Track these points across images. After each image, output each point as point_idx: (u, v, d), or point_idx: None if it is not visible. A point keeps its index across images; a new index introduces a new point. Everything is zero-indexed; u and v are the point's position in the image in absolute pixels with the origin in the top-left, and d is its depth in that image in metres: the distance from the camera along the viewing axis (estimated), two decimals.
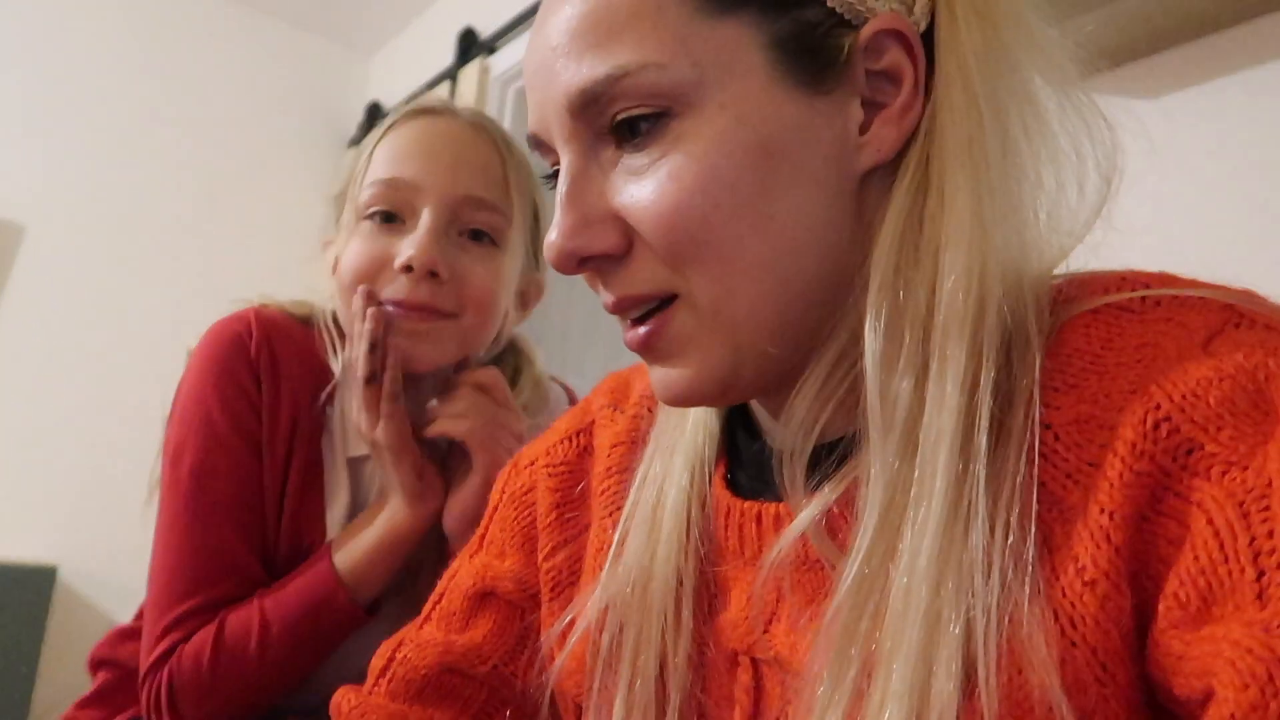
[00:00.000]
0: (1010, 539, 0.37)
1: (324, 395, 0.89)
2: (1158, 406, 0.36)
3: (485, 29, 2.58)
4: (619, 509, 0.55)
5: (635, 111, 0.42)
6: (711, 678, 0.49)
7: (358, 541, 0.84)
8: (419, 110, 0.89)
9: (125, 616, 1.03)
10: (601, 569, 0.53)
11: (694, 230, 0.41)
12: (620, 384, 0.63)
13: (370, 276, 0.84)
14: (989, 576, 0.37)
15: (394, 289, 0.83)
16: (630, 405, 0.60)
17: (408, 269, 0.82)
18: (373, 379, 0.84)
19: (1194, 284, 0.40)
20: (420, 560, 0.89)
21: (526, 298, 0.96)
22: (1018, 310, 0.40)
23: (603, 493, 0.58)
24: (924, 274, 0.41)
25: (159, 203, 2.78)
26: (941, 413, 0.39)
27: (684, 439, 0.53)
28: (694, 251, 0.42)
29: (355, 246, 0.85)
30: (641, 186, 0.42)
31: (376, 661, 0.60)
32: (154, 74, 2.84)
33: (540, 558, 0.60)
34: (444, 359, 0.87)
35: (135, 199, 2.74)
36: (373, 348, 0.83)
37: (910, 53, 0.43)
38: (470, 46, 2.62)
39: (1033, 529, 0.37)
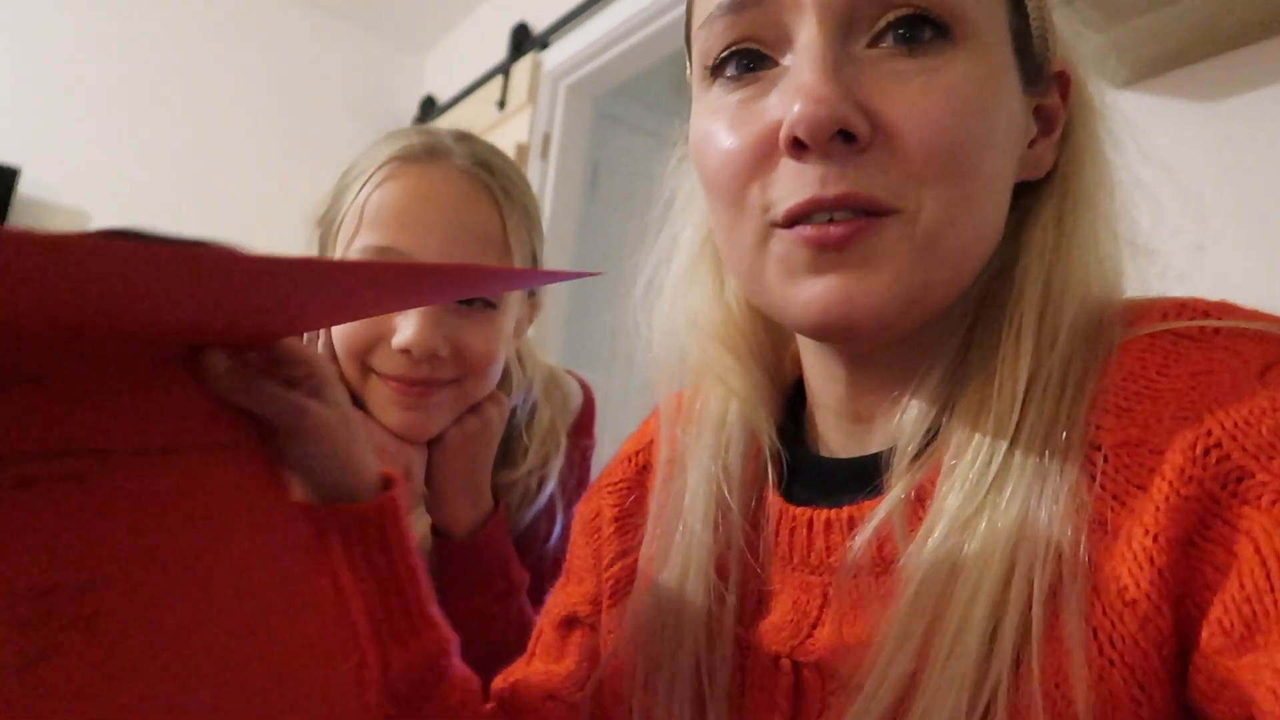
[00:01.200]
0: (1061, 557, 0.37)
1: None
2: (1209, 433, 0.36)
3: (538, 24, 2.60)
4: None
5: (927, 12, 0.41)
6: (752, 681, 0.50)
7: None
8: (411, 158, 0.83)
9: None
10: (648, 584, 0.55)
11: (957, 145, 0.41)
12: (678, 403, 0.64)
13: (365, 352, 0.81)
14: (1042, 591, 0.37)
15: (392, 365, 0.81)
16: (684, 424, 0.61)
17: (406, 352, 0.79)
18: (308, 345, 0.83)
19: (1254, 315, 0.41)
20: None
21: (520, 327, 0.93)
22: (1096, 333, 0.43)
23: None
24: (1049, 291, 0.44)
25: (222, 197, 2.84)
26: (1037, 422, 0.41)
27: (706, 460, 0.54)
28: (947, 167, 0.41)
29: None
30: (910, 89, 0.41)
31: (493, 692, 0.63)
32: (216, 72, 2.91)
33: (602, 568, 0.61)
34: (445, 425, 0.86)
35: (194, 186, 2.81)
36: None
37: (1064, 102, 0.48)
38: (523, 41, 2.64)
39: (1082, 549, 0.37)
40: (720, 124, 0.45)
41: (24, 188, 2.52)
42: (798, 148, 0.41)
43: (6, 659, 0.30)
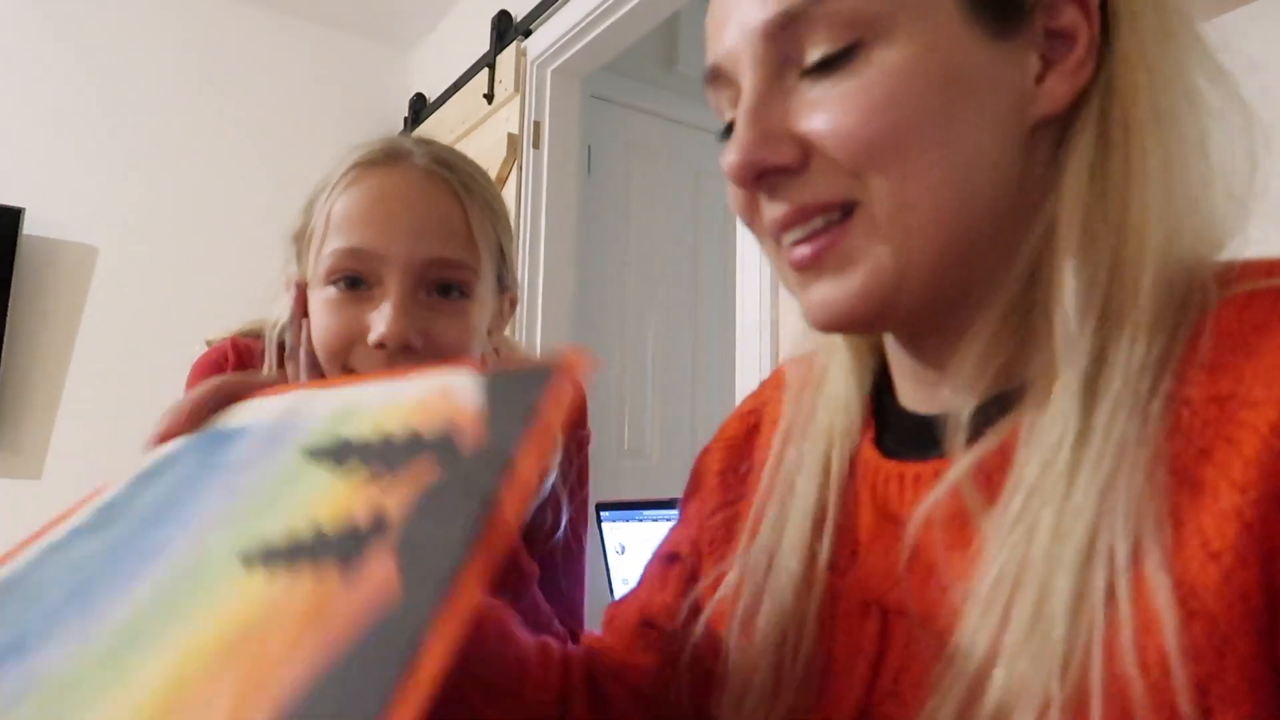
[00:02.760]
0: (1145, 507, 0.37)
1: None
2: None
3: (519, 11, 2.59)
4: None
5: (828, 49, 0.44)
6: (841, 625, 0.51)
7: None
8: (371, 163, 0.87)
9: None
10: (753, 535, 0.57)
11: (877, 138, 0.43)
12: (808, 366, 0.66)
13: (344, 351, 0.84)
14: (1127, 542, 0.37)
15: (370, 363, 0.83)
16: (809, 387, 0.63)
17: (381, 346, 0.81)
18: (293, 354, 0.86)
19: None
20: None
21: (497, 323, 0.95)
22: (1185, 280, 0.41)
23: (763, 467, 0.61)
24: (1111, 228, 0.42)
25: (225, 218, 2.86)
26: (1126, 369, 0.40)
27: (820, 416, 0.56)
28: (877, 156, 0.43)
29: (324, 318, 0.85)
30: (824, 105, 0.44)
31: (604, 616, 0.69)
32: (211, 97, 2.92)
33: (705, 516, 0.64)
34: None
35: (198, 210, 2.83)
36: (290, 322, 0.87)
37: (1086, 16, 0.45)
38: (505, 31, 2.64)
39: (1166, 502, 0.37)
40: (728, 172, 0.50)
41: (29, 227, 2.55)
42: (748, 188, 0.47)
43: None
